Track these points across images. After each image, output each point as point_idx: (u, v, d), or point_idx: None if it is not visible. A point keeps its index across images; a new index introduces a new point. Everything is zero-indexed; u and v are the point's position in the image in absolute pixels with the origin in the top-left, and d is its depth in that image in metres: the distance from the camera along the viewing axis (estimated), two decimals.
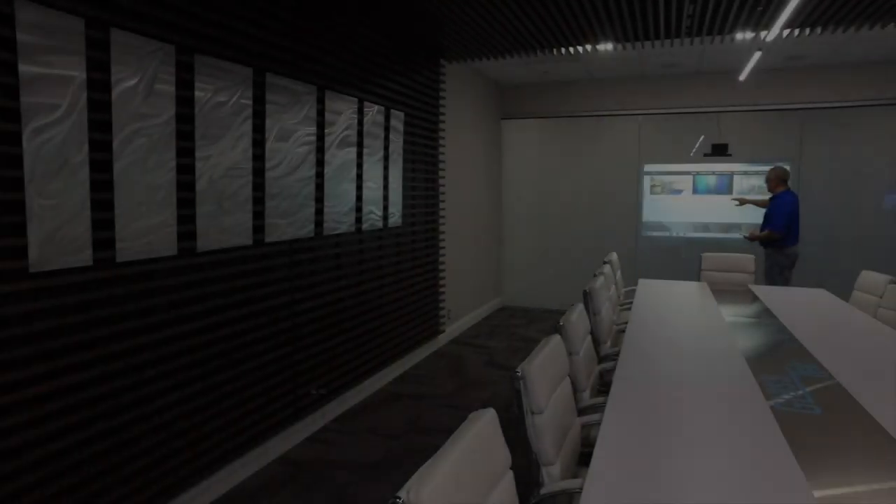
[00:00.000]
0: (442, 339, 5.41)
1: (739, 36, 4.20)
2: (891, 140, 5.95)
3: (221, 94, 2.62)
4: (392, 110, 4.16)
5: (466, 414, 1.33)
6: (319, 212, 3.41)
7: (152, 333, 2.37)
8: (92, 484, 2.13)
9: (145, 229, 2.28)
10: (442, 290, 5.21)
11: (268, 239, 2.99)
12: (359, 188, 3.81)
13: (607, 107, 6.67)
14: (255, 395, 2.97)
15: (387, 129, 4.12)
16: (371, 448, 3.28)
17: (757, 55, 4.79)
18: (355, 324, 3.84)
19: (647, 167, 6.71)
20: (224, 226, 2.69)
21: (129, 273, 2.26)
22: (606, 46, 4.57)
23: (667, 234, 6.77)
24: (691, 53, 5.37)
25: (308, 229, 3.30)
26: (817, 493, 1.35)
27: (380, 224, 4.10)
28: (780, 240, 5.00)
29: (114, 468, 2.21)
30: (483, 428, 1.28)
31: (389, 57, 4.08)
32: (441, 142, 5.07)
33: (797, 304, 3.65)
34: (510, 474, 1.37)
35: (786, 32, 4.08)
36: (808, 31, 4.04)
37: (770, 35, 3.99)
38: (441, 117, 5.03)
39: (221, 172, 2.64)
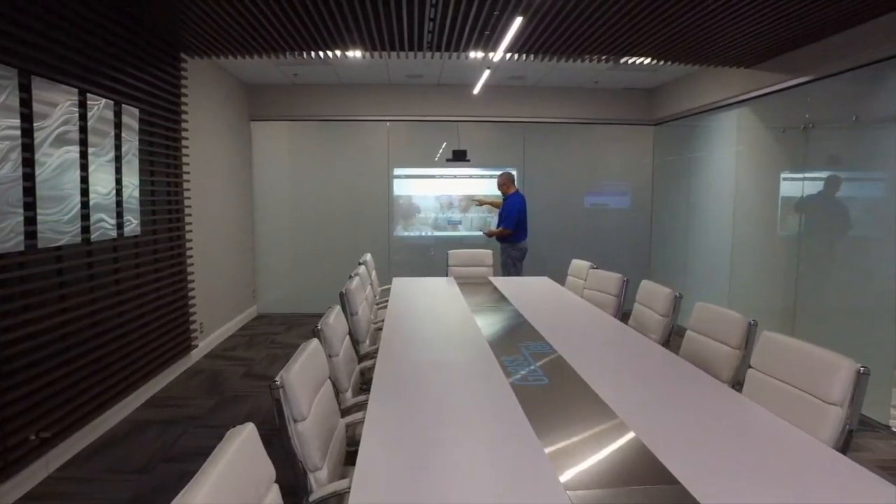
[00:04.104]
0: (195, 355, 4.99)
1: (472, 55, 4.69)
2: (590, 151, 7.25)
3: None
4: (124, 105, 3.69)
5: (225, 432, 1.26)
6: (31, 221, 2.86)
7: None
8: None
9: None
10: (192, 301, 4.80)
11: None
12: (84, 193, 3.30)
13: (357, 112, 6.86)
14: None
15: (118, 126, 3.64)
16: (114, 490, 2.88)
17: (486, 73, 5.41)
18: (86, 349, 3.32)
19: (397, 171, 7.08)
20: None
21: None
22: (355, 53, 4.70)
23: (416, 234, 7.23)
24: (433, 67, 5.82)
25: (15, 241, 2.75)
26: (547, 450, 1.60)
27: (113, 233, 3.61)
28: (511, 235, 5.74)
29: None
30: (242, 445, 1.23)
31: (119, 45, 3.61)
32: (184, 142, 4.66)
33: (527, 291, 4.23)
34: (275, 488, 1.34)
35: (507, 56, 4.69)
36: (524, 56, 4.70)
37: (496, 56, 4.54)
38: (183, 116, 4.62)
39: None
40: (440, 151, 7.06)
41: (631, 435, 1.70)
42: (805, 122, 5.07)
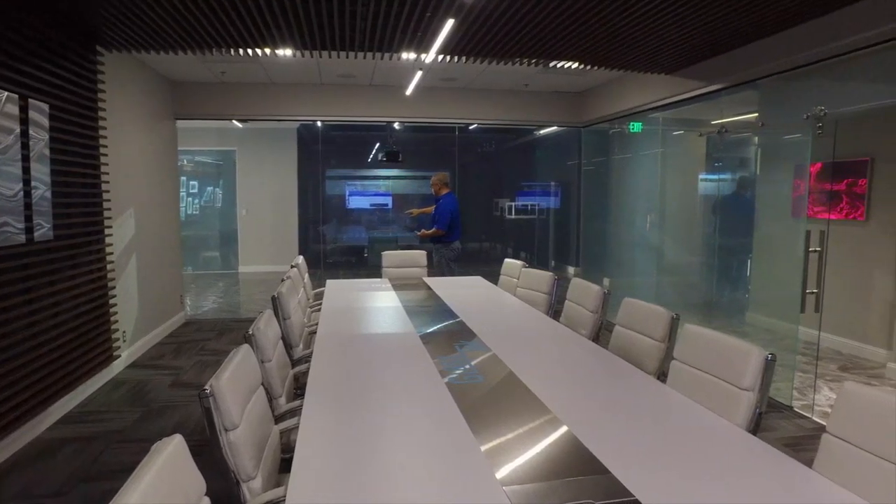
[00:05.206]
0: (117, 366, 4.73)
1: (404, 56, 4.69)
2: (520, 155, 7.41)
3: None
4: (31, 100, 3.45)
5: (151, 446, 1.21)
6: None
7: None
8: None
9: None
10: (114, 309, 4.55)
11: None
12: None
13: (288, 111, 6.71)
14: None
15: (24, 122, 3.40)
16: None
17: (419, 74, 5.43)
18: None
19: (329, 172, 6.99)
20: None
21: None
22: (285, 52, 4.60)
23: (352, 236, 7.17)
24: (365, 67, 5.77)
25: None
26: (483, 447, 1.63)
27: (21, 238, 3.36)
28: (445, 236, 5.79)
29: None
30: (169, 458, 1.19)
31: (24, 34, 3.36)
32: (102, 141, 4.40)
33: (461, 291, 4.27)
34: (206, 501, 1.30)
35: (439, 57, 4.72)
36: (456, 58, 4.75)
37: (428, 58, 4.56)
38: (101, 113, 4.36)
39: None
40: (373, 153, 7.02)
41: (564, 429, 1.76)
42: (719, 126, 5.39)
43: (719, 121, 5.41)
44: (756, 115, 5.17)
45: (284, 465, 1.95)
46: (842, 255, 5.10)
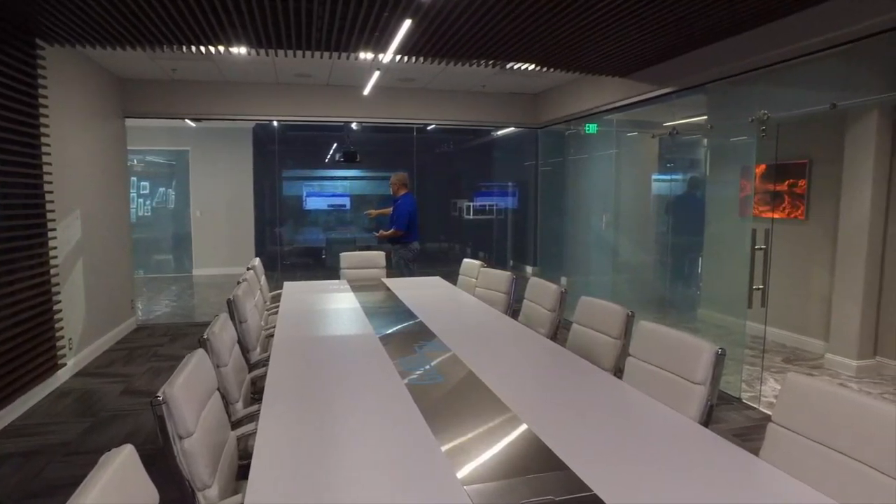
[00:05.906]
0: (63, 374, 4.53)
1: (362, 55, 4.66)
2: (478, 156, 7.45)
3: None
4: None
5: (100, 458, 1.17)
6: None
7: None
8: None
9: None
10: (58, 315, 4.36)
11: None
12: None
13: (243, 111, 6.57)
14: None
15: None
16: None
17: (377, 74, 5.40)
18: None
19: (286, 172, 6.89)
20: None
21: None
22: (240, 50, 4.50)
23: (309, 237, 7.09)
24: (322, 66, 5.70)
25: None
26: (444, 448, 1.63)
27: None
28: (403, 236, 5.78)
29: None
30: (119, 469, 1.14)
31: None
32: (45, 140, 4.21)
33: (420, 292, 4.27)
34: None
35: (397, 58, 4.70)
36: (413, 59, 4.74)
37: (385, 58, 4.54)
38: (43, 110, 4.17)
39: None
40: (331, 153, 6.95)
41: (524, 427, 1.78)
42: (671, 128, 5.55)
43: (671, 123, 5.57)
44: (705, 117, 5.35)
45: (242, 472, 1.91)
46: (784, 252, 5.32)
